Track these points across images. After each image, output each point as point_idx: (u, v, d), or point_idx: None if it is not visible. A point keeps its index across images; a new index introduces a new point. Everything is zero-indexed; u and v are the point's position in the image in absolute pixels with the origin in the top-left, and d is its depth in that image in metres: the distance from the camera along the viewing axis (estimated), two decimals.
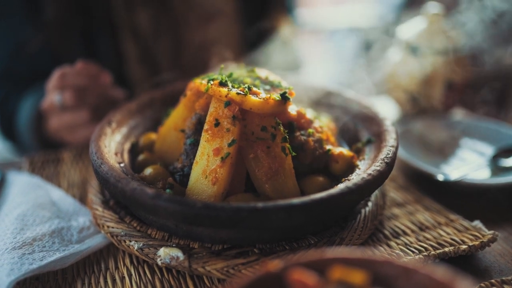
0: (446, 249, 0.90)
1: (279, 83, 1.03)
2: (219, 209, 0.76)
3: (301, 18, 2.64)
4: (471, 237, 0.94)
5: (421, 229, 0.98)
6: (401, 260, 0.57)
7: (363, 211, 0.97)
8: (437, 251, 0.89)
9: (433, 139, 1.37)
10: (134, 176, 0.93)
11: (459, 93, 1.55)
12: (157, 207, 0.79)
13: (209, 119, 0.90)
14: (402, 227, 0.99)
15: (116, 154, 1.01)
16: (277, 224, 0.78)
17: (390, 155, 0.93)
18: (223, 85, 0.92)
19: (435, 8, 1.51)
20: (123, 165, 0.97)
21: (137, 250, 0.87)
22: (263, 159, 0.89)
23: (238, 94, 0.89)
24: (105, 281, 0.87)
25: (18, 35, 1.56)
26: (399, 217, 1.02)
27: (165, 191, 0.90)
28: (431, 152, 1.33)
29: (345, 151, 1.02)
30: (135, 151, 1.10)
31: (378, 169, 0.88)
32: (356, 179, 0.86)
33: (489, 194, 1.14)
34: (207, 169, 0.88)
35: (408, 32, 1.55)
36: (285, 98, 0.93)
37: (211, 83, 0.92)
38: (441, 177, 1.11)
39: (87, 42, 1.62)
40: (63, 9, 1.52)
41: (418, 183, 1.18)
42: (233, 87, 0.92)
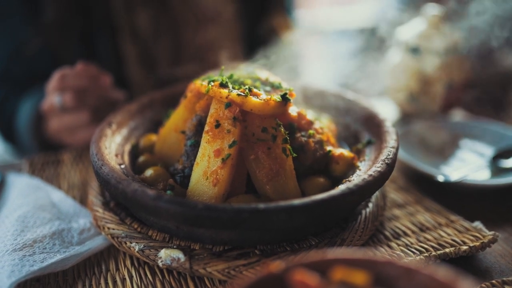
0: (446, 250, 0.90)
1: (279, 84, 1.03)
2: (220, 211, 0.76)
3: (301, 19, 2.63)
4: (471, 238, 0.94)
5: (421, 230, 0.98)
6: (402, 261, 0.57)
7: (363, 212, 0.97)
8: (438, 252, 0.89)
9: (433, 140, 1.37)
10: (135, 177, 0.93)
11: (459, 93, 1.55)
12: (158, 209, 0.79)
13: (209, 120, 0.90)
14: (402, 228, 0.99)
15: (116, 155, 1.01)
16: (278, 225, 0.78)
17: (390, 156, 0.93)
18: (223, 86, 0.92)
19: (435, 9, 1.51)
20: (123, 166, 0.97)
21: (138, 251, 0.87)
22: (264, 160, 0.89)
23: (238, 95, 0.89)
24: (106, 283, 0.87)
25: (17, 36, 1.55)
26: (399, 218, 1.02)
27: (166, 192, 0.90)
28: (431, 153, 1.33)
29: (346, 152, 1.02)
30: (135, 152, 1.10)
31: (378, 170, 0.88)
32: (357, 180, 0.86)
33: (489, 195, 1.14)
34: (208, 170, 0.88)
35: (408, 32, 1.55)
36: (285, 99, 0.93)
37: (212, 84, 0.92)
38: (441, 178, 1.11)
39: (86, 43, 1.62)
40: (63, 10, 1.52)
41: (418, 184, 1.18)
42: (234, 88, 0.92)
